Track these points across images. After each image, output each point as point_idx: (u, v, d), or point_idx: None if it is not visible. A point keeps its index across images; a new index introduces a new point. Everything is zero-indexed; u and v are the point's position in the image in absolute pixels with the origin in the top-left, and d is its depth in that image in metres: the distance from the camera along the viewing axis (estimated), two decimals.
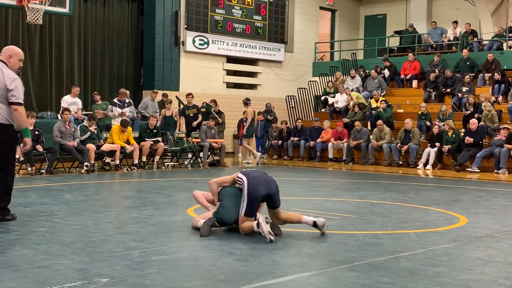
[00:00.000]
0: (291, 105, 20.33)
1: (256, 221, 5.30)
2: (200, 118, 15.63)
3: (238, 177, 5.59)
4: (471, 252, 5.04)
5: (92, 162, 12.34)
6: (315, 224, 5.56)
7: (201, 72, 18.86)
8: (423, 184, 11.33)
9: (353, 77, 19.54)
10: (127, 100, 14.73)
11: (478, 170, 13.62)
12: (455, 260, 4.71)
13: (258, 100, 19.66)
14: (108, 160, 13.14)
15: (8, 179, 6.13)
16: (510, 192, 10.11)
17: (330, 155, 16.53)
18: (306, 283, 3.98)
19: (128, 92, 15.53)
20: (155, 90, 16.39)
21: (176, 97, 17.74)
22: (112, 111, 14.38)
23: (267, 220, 5.24)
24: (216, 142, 14.66)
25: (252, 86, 20.50)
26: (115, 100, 14.63)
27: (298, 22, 21.39)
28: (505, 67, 17.26)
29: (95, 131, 13.11)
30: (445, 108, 15.88)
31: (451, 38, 19.62)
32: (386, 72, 19.36)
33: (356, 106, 17.35)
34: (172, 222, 6.28)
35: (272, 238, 5.16)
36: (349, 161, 16.16)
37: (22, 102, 6.09)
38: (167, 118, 15.22)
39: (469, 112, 15.51)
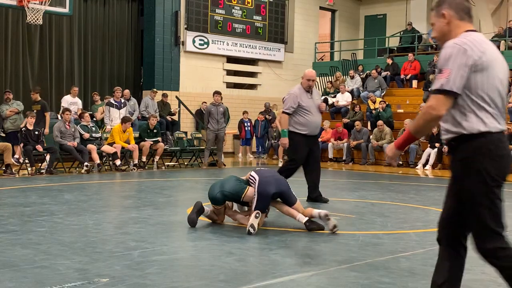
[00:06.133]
0: None
1: (253, 214, 5.55)
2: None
3: (251, 175, 5.82)
4: (471, 252, 5.02)
5: (98, 162, 12.32)
6: (320, 216, 5.79)
7: (201, 72, 18.85)
8: (423, 184, 11.32)
9: (352, 77, 19.53)
10: (123, 100, 14.41)
11: None
12: None
13: (258, 100, 19.68)
14: (117, 162, 12.88)
15: None
16: (510, 192, 10.09)
17: (330, 155, 16.53)
18: (306, 283, 3.98)
19: (128, 91, 15.39)
20: (154, 90, 16.36)
21: (176, 97, 17.74)
22: (109, 112, 14.07)
23: (257, 215, 5.54)
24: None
25: (252, 86, 20.49)
26: (111, 100, 14.25)
27: (298, 22, 21.39)
28: None
29: (93, 128, 13.08)
30: None
31: None
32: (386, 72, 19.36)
33: None
34: (172, 222, 6.28)
35: (252, 231, 5.45)
36: (349, 161, 16.16)
37: (286, 111, 7.86)
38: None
39: None
